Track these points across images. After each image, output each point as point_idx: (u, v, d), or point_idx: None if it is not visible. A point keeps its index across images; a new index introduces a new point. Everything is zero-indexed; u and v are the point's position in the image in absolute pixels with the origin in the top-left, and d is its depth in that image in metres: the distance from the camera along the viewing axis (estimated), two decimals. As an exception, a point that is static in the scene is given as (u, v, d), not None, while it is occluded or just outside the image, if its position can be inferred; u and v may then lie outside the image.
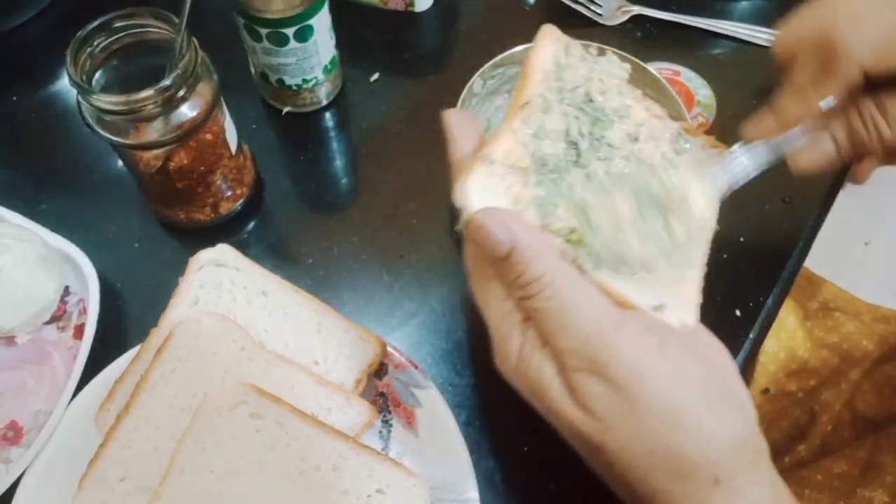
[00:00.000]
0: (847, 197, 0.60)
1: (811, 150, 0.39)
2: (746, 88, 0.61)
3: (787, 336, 0.76)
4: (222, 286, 0.47)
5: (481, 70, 0.52)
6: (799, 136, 0.39)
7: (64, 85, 0.63)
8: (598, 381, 0.31)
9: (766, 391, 0.74)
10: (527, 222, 0.34)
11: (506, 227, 0.32)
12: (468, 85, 0.52)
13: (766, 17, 0.65)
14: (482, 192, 0.34)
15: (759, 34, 0.63)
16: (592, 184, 0.36)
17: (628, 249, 0.35)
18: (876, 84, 0.38)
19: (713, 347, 0.35)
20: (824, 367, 0.74)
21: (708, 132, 0.57)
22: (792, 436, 0.72)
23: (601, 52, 0.41)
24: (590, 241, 0.35)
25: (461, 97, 0.51)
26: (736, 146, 0.40)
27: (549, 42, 0.39)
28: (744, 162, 0.39)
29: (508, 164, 0.35)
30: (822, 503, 0.62)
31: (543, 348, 0.33)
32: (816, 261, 0.78)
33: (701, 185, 0.37)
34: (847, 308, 0.76)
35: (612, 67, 0.39)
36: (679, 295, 0.36)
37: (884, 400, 0.69)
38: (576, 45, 0.39)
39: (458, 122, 0.38)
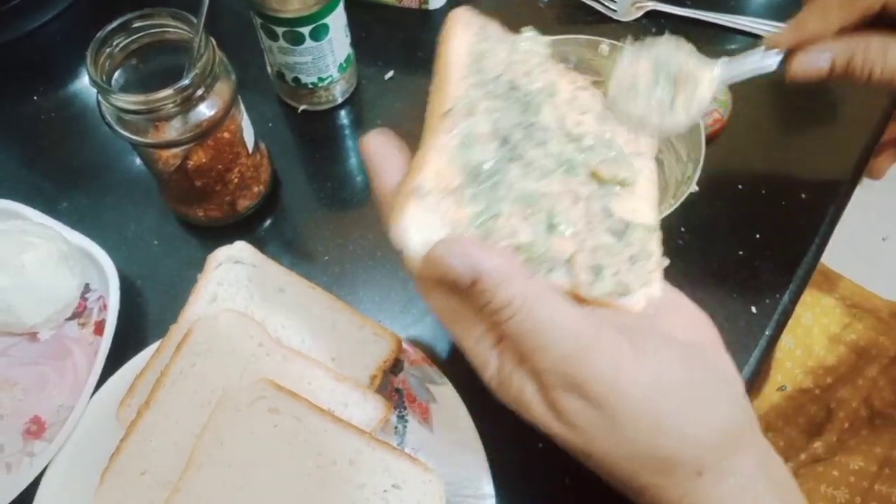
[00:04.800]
0: (864, 192, 0.60)
1: (808, 59, 0.42)
2: (761, 84, 0.60)
3: (804, 333, 0.76)
4: (240, 283, 0.48)
5: None
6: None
7: (83, 85, 0.64)
8: (576, 398, 0.32)
9: (782, 388, 0.74)
10: (490, 245, 0.32)
11: (466, 256, 0.31)
12: None
13: (781, 13, 0.65)
14: (419, 228, 0.31)
15: (773, 29, 0.63)
16: (534, 171, 0.35)
17: (633, 106, 0.37)
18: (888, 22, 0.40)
19: (691, 319, 0.36)
20: (841, 363, 0.73)
21: (722, 129, 0.57)
22: (808, 432, 0.71)
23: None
24: (539, 244, 0.34)
25: None
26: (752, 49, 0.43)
27: (462, 29, 0.36)
28: (753, 60, 0.42)
29: (440, 188, 0.32)
30: (838, 499, 0.61)
31: (521, 367, 0.33)
32: (833, 256, 0.78)
33: (710, 74, 0.39)
34: (864, 304, 0.76)
35: (532, 44, 0.38)
36: (639, 268, 0.35)
37: (901, 397, 0.69)
38: (493, 26, 0.37)
39: (377, 151, 0.34)
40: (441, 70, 0.35)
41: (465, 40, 0.36)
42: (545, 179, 0.35)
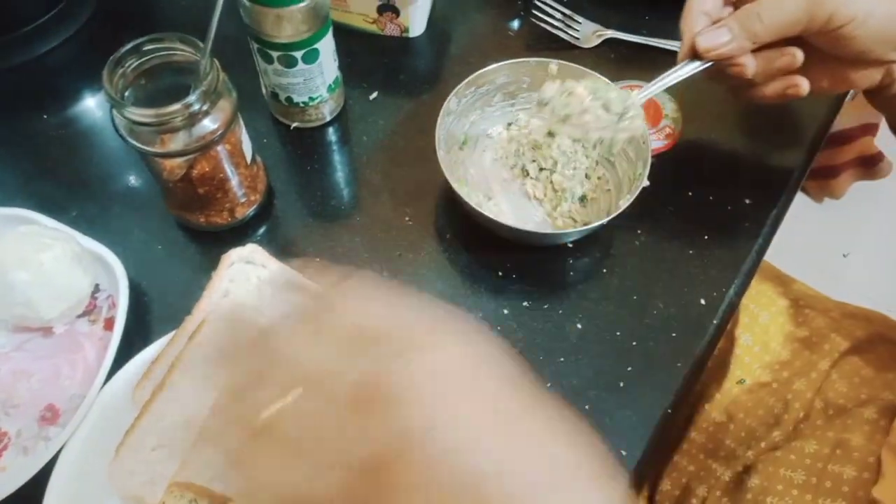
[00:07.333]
0: (826, 211, 0.64)
1: None
2: (709, 102, 0.67)
3: (761, 331, 0.80)
4: (250, 281, 0.51)
5: (455, 90, 0.57)
6: None
7: (89, 104, 0.68)
8: None
9: (741, 382, 0.78)
10: None
11: None
12: (445, 104, 0.57)
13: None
14: None
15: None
16: None
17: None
18: None
19: None
20: (796, 358, 0.77)
21: (675, 143, 0.63)
22: (767, 423, 0.74)
23: None
24: None
25: (439, 116, 0.56)
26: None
27: None
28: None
29: None
30: (795, 480, 0.64)
31: None
32: (796, 272, 0.83)
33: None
34: (816, 305, 0.80)
35: None
36: None
37: (852, 388, 0.72)
38: None
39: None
40: None
41: None
42: None
